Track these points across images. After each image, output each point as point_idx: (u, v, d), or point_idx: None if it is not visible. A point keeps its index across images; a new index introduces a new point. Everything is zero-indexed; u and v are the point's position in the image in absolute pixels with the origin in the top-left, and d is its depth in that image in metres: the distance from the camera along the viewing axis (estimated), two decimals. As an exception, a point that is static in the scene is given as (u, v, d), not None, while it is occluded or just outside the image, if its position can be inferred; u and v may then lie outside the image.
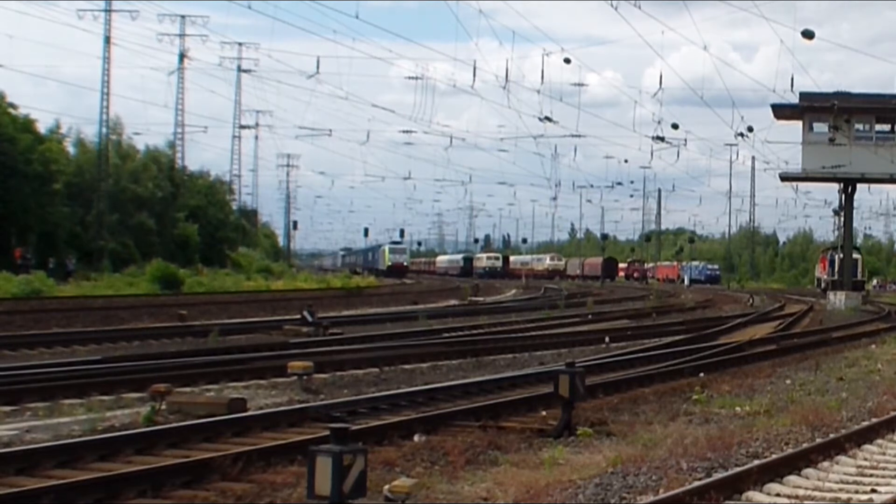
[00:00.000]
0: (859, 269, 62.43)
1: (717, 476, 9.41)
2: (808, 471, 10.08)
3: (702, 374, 17.99)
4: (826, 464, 10.45)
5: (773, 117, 49.99)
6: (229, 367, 16.98)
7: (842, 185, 50.80)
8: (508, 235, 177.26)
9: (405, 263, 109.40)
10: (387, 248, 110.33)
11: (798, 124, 49.51)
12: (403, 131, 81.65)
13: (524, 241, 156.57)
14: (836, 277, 53.41)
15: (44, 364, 17.00)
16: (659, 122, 49.56)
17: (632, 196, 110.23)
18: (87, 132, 72.18)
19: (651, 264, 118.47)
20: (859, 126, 48.39)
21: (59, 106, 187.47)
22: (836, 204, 61.24)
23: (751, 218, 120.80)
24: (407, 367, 18.67)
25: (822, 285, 59.56)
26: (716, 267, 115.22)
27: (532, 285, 77.43)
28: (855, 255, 63.68)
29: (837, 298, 49.39)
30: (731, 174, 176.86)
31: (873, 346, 25.46)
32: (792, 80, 44.68)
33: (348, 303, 41.80)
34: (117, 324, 27.21)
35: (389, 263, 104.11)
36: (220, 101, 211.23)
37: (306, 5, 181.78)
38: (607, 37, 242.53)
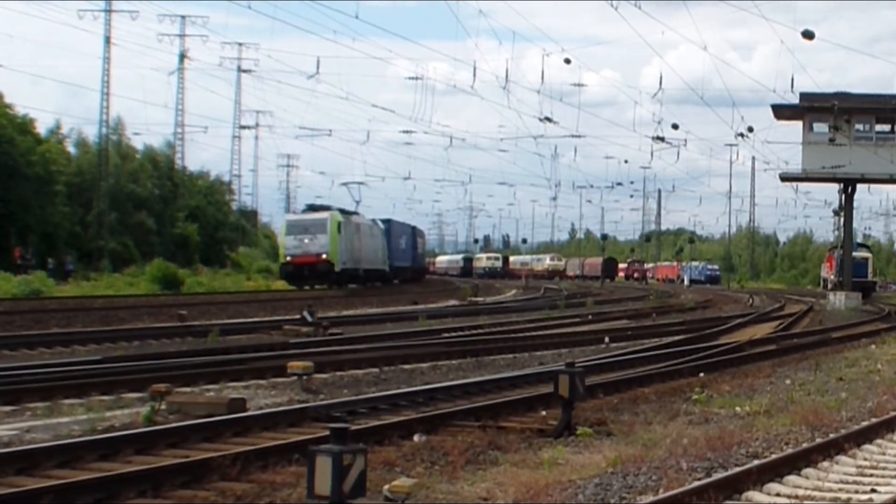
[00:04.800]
0: (869, 270, 61.99)
1: (716, 476, 9.41)
2: (808, 471, 10.08)
3: (702, 374, 17.98)
4: (826, 464, 10.45)
5: (773, 117, 50.04)
6: (229, 367, 16.97)
7: (842, 185, 50.82)
8: (508, 236, 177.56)
9: (324, 255, 52.73)
10: (286, 222, 57.07)
11: (798, 124, 49.55)
12: (403, 131, 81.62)
13: (524, 241, 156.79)
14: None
15: (44, 364, 16.99)
16: (659, 123, 49.70)
17: (632, 196, 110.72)
18: (87, 132, 72.34)
19: (651, 264, 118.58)
20: (859, 126, 48.42)
21: (59, 106, 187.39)
22: (836, 204, 61.20)
23: (751, 218, 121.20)
24: (407, 367, 18.66)
25: (829, 285, 58.80)
26: (716, 267, 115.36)
27: (532, 285, 77.43)
28: (865, 255, 63.41)
29: (837, 298, 49.36)
30: (731, 174, 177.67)
31: (873, 346, 25.45)
32: (792, 80, 44.82)
33: (348, 303, 41.80)
34: (117, 324, 27.19)
35: (286, 258, 53.94)
36: (220, 101, 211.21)
37: (306, 5, 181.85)
38: (606, 36, 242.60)
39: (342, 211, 57.36)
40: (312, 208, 57.35)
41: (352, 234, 56.15)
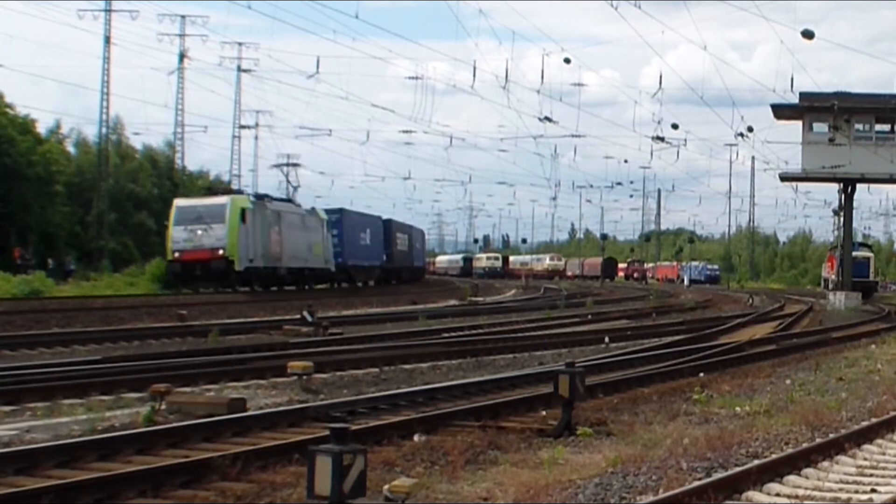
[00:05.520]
0: (871, 269, 61.77)
1: (716, 476, 9.41)
2: (808, 471, 10.08)
3: (702, 374, 17.98)
4: (826, 464, 10.45)
5: (772, 117, 50.04)
6: (229, 367, 16.97)
7: (842, 185, 50.79)
8: (508, 235, 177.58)
9: (220, 249, 43.07)
10: (175, 208, 44.74)
11: (798, 124, 49.54)
12: (403, 131, 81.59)
13: (524, 241, 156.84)
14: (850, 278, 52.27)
15: (44, 364, 17.01)
16: (659, 122, 49.74)
17: (631, 196, 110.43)
18: (87, 132, 72.42)
19: (651, 264, 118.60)
20: (859, 126, 48.42)
21: (58, 106, 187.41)
22: (835, 204, 61.05)
23: (750, 218, 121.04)
24: (407, 367, 18.66)
25: (830, 286, 58.49)
26: (715, 267, 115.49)
27: (532, 285, 77.44)
28: (867, 254, 63.29)
29: (837, 298, 49.34)
30: (730, 174, 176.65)
31: (873, 346, 25.44)
32: (792, 80, 44.90)
33: (348, 303, 41.80)
34: (117, 324, 27.20)
35: (174, 253, 43.31)
36: (220, 100, 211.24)
37: (306, 5, 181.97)
38: (606, 36, 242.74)
39: (258, 196, 48.88)
40: (211, 191, 48.31)
41: (266, 224, 46.24)
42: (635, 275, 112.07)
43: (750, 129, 48.02)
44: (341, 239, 56.91)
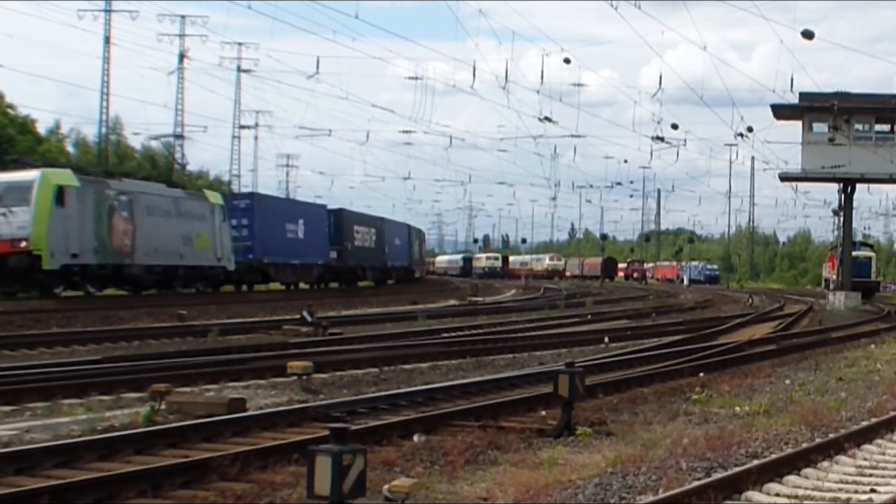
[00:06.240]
0: (872, 269, 61.67)
1: (716, 476, 9.41)
2: (808, 471, 10.08)
3: (701, 374, 17.98)
4: (825, 464, 10.45)
5: (772, 117, 50.05)
6: (229, 367, 16.98)
7: (841, 185, 50.78)
8: (508, 235, 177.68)
9: (21, 241, 32.20)
10: None
11: (798, 124, 49.55)
12: (403, 131, 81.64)
13: (524, 241, 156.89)
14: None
15: (44, 364, 17.00)
16: (658, 122, 49.82)
17: (631, 196, 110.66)
18: (86, 132, 72.41)
19: (650, 264, 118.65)
20: (859, 126, 48.42)
21: (58, 106, 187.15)
22: (835, 204, 61.00)
23: (750, 218, 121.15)
24: (406, 367, 18.66)
25: (831, 286, 58.30)
26: (715, 267, 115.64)
27: (531, 285, 77.44)
28: (868, 254, 63.24)
29: (837, 298, 49.33)
30: (730, 174, 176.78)
31: (873, 346, 25.45)
32: (792, 80, 44.97)
33: (348, 303, 41.81)
34: (117, 324, 27.21)
35: None
36: (220, 101, 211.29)
37: (306, 5, 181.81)
38: (606, 36, 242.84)
39: (109, 173, 39.95)
40: (19, 163, 37.62)
41: (105, 208, 35.95)
42: (635, 275, 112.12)
43: (750, 129, 48.14)
44: (252, 230, 47.24)
